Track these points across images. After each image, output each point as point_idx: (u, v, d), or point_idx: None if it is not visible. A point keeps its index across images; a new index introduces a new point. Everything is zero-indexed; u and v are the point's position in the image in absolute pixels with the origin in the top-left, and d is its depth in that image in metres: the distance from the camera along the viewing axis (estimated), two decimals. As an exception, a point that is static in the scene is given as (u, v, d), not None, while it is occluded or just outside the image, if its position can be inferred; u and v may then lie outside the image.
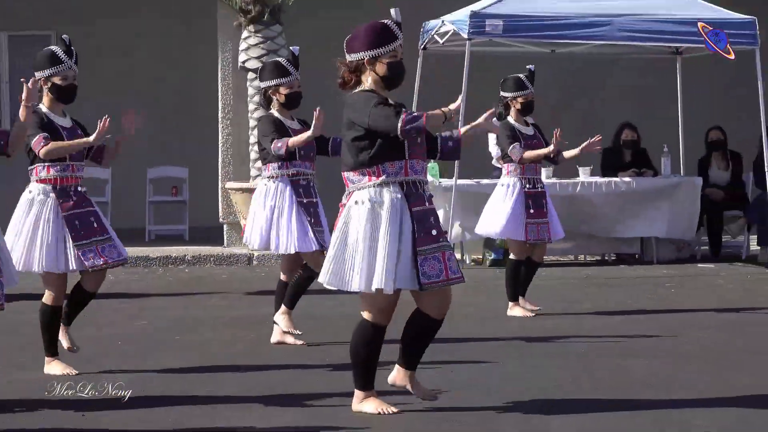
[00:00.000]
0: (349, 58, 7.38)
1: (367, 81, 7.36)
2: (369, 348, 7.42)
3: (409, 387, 7.50)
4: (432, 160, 8.12)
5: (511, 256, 11.87)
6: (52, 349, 8.90)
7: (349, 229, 7.34)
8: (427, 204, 7.40)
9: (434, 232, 7.37)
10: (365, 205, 7.28)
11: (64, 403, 8.03)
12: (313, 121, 9.60)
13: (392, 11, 7.43)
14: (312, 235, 10.04)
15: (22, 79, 7.90)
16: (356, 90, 7.41)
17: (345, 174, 7.41)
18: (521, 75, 11.88)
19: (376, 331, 7.38)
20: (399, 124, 7.09)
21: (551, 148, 11.55)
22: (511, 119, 11.73)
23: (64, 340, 8.97)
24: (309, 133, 9.70)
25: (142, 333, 11.27)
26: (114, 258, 8.94)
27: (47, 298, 8.80)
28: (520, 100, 11.75)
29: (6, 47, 20.48)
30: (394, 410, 7.42)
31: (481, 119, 7.64)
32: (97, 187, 18.35)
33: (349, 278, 7.28)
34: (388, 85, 7.38)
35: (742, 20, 16.11)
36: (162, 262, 16.92)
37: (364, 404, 7.44)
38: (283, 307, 10.16)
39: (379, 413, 7.37)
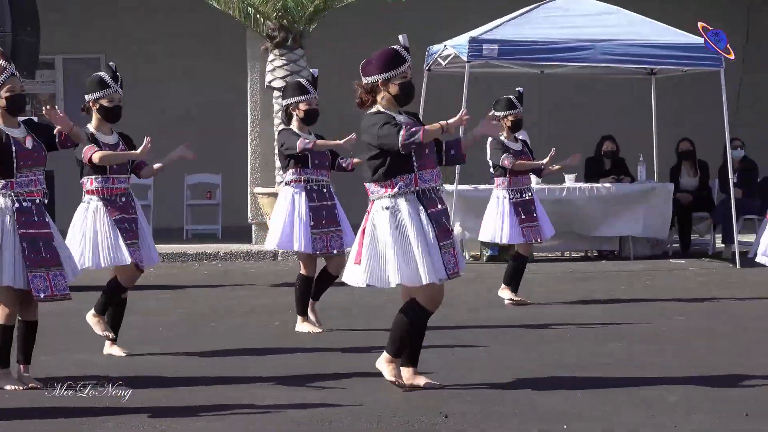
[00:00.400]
0: (364, 80, 7.46)
1: (382, 100, 7.42)
2: (413, 325, 7.49)
3: (419, 383, 7.56)
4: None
5: (519, 252, 11.94)
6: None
7: (377, 234, 7.42)
8: (439, 206, 7.50)
9: (448, 230, 7.52)
10: (385, 212, 7.38)
11: (114, 380, 8.07)
12: (346, 139, 9.76)
13: (400, 37, 7.51)
14: (307, 238, 10.09)
15: (44, 112, 7.94)
16: (371, 110, 7.47)
17: (366, 185, 7.51)
18: (511, 96, 11.89)
19: (423, 314, 7.48)
20: (399, 140, 7.15)
21: (543, 161, 11.63)
22: (502, 136, 11.73)
23: (118, 353, 9.06)
24: (337, 141, 9.85)
25: (181, 320, 11.29)
26: (140, 262, 9.00)
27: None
28: (510, 118, 11.77)
29: (61, 68, 20.52)
30: (406, 385, 7.51)
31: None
32: (141, 191, 18.30)
33: (387, 276, 7.36)
34: (400, 103, 7.48)
35: (699, 45, 16.03)
36: (198, 257, 16.91)
37: (387, 367, 7.51)
38: (299, 318, 10.25)
39: (393, 381, 7.46)
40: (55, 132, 7.84)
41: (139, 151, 8.73)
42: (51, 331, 8.59)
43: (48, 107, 8.02)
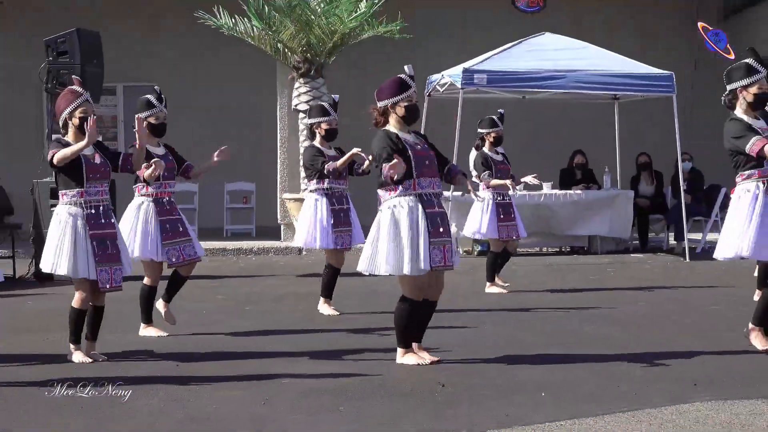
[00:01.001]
0: (378, 104, 7.52)
1: (392, 121, 7.49)
2: (408, 317, 7.50)
3: (422, 357, 7.60)
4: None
5: (491, 249, 11.94)
6: (147, 318, 8.91)
7: (379, 229, 7.47)
8: (436, 208, 7.50)
9: (441, 230, 7.47)
10: (388, 212, 7.43)
11: (165, 355, 8.11)
12: (348, 154, 9.85)
13: (405, 67, 7.60)
14: (332, 236, 10.15)
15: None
16: (382, 129, 7.53)
17: (378, 190, 7.56)
18: (494, 116, 11.94)
19: (412, 305, 7.48)
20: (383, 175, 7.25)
21: (508, 182, 11.60)
22: (486, 149, 11.81)
23: (162, 309, 9.02)
24: (344, 159, 9.89)
25: (221, 304, 11.29)
26: (191, 256, 8.94)
27: (147, 280, 8.84)
28: (492, 134, 11.81)
29: (121, 94, 20.53)
30: (433, 359, 7.57)
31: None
32: (188, 197, 18.39)
33: (381, 265, 7.41)
34: (407, 122, 7.53)
35: (663, 74, 16.13)
36: (235, 252, 16.88)
37: (405, 358, 7.55)
38: (322, 299, 10.30)
39: (418, 364, 7.48)
40: (121, 158, 7.99)
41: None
42: (109, 316, 8.56)
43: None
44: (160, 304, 9.10)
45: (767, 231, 7.73)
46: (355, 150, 9.73)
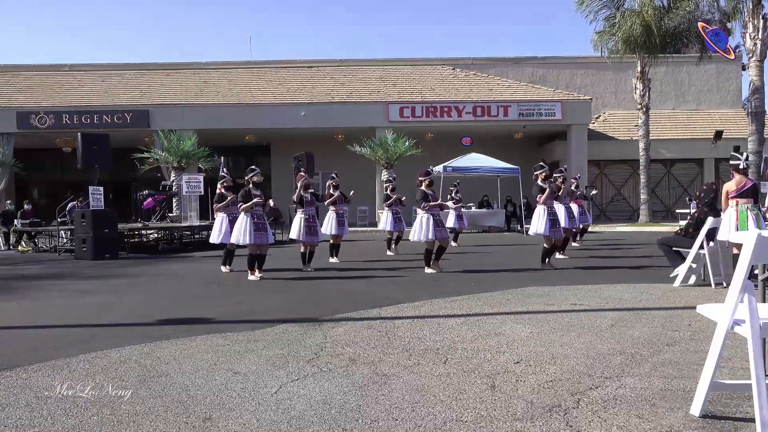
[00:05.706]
0: (419, 178, 7.36)
1: (424, 185, 7.34)
2: (428, 253, 7.27)
3: (434, 270, 7.34)
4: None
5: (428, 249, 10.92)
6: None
7: (416, 222, 7.29)
8: (438, 217, 7.31)
9: (441, 225, 7.29)
10: (421, 218, 7.24)
11: (336, 269, 7.80)
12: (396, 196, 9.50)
13: (430, 167, 7.65)
14: (393, 224, 9.65)
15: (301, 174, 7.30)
16: (420, 188, 7.34)
17: (420, 208, 7.32)
18: (454, 183, 11.80)
19: (428, 252, 7.27)
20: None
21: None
22: (423, 186, 11.04)
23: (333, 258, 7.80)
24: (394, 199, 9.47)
25: (357, 252, 10.21)
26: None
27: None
28: (453, 189, 11.43)
29: (321, 177, 19.54)
30: (434, 271, 7.25)
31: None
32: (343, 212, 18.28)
33: (420, 236, 7.20)
34: (429, 186, 7.35)
35: (515, 167, 15.98)
36: (362, 232, 16.66)
37: (428, 270, 7.28)
38: (387, 248, 9.46)
39: (433, 271, 7.21)
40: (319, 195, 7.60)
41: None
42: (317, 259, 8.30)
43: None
44: (332, 259, 8.36)
45: (548, 225, 7.55)
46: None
